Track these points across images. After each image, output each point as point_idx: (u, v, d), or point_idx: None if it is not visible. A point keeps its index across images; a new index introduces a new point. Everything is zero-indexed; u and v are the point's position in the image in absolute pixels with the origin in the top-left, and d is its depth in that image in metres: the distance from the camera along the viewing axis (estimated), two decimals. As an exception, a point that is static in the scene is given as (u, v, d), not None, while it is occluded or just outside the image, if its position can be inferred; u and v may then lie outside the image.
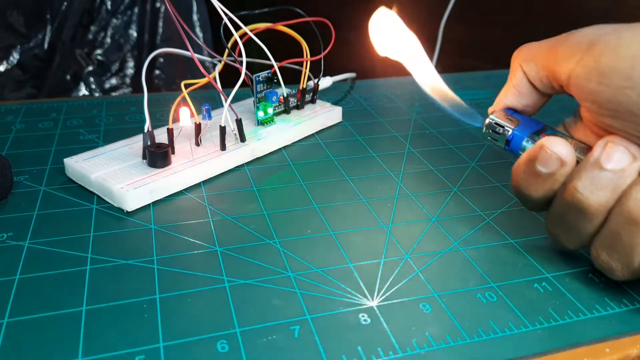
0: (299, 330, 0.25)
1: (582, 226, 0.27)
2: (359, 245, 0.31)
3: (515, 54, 0.31)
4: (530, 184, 0.28)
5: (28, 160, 0.39)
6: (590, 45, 0.26)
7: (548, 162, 0.27)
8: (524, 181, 0.28)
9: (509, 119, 0.31)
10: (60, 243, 0.30)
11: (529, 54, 0.30)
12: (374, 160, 0.41)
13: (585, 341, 0.25)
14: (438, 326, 0.25)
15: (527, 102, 0.31)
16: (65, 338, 0.24)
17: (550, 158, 0.27)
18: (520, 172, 0.28)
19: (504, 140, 0.30)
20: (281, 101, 0.43)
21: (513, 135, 0.30)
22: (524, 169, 0.28)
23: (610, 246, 0.26)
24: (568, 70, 0.27)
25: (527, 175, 0.28)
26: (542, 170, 0.27)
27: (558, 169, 0.27)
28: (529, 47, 0.31)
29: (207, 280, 0.28)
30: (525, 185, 0.28)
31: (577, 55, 0.27)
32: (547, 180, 0.27)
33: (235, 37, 0.38)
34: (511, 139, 0.30)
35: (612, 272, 0.27)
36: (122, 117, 0.47)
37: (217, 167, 0.38)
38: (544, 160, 0.27)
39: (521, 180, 0.28)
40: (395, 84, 0.57)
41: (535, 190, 0.28)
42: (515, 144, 0.30)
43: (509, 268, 0.30)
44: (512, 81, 0.31)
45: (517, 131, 0.30)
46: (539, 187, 0.28)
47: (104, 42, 1.06)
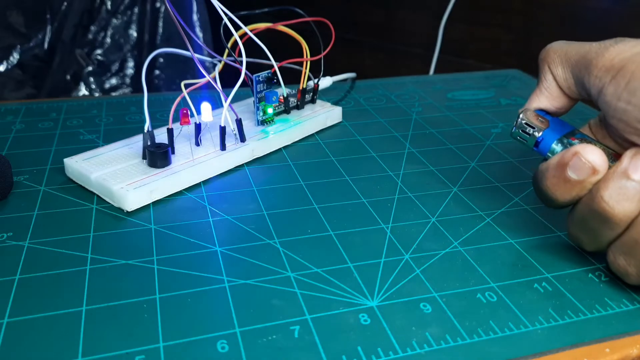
0: (299, 330, 0.25)
1: (604, 233, 0.27)
2: (359, 245, 0.31)
3: (543, 56, 0.31)
4: (559, 188, 0.28)
5: (28, 160, 0.39)
6: (624, 65, 0.26)
7: (581, 170, 0.27)
8: (552, 184, 0.28)
9: (539, 120, 0.31)
10: (60, 243, 0.30)
11: (557, 57, 0.30)
12: (374, 160, 0.41)
13: (585, 341, 0.25)
14: (438, 326, 0.25)
15: (559, 104, 0.31)
16: (65, 338, 0.24)
17: (583, 166, 0.27)
18: (549, 175, 0.28)
19: (534, 141, 0.30)
20: (281, 101, 0.43)
21: (543, 137, 0.30)
22: (553, 172, 0.28)
23: (629, 252, 0.26)
24: (599, 86, 0.27)
25: (556, 179, 0.28)
26: (573, 177, 0.27)
27: (589, 176, 0.27)
28: (557, 50, 0.30)
29: (207, 280, 0.28)
30: (553, 188, 0.28)
31: (610, 73, 0.27)
32: (575, 186, 0.27)
33: (235, 37, 0.38)
34: (541, 141, 0.30)
35: (627, 276, 0.27)
36: (122, 117, 0.47)
37: (217, 167, 0.38)
38: (576, 167, 0.27)
39: (549, 182, 0.28)
40: (395, 84, 0.57)
41: (562, 194, 0.28)
42: (545, 145, 0.30)
43: (509, 268, 0.30)
44: (542, 84, 0.31)
45: (547, 133, 0.30)
46: (566, 191, 0.28)
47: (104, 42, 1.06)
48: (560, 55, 0.30)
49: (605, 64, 0.27)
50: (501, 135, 0.45)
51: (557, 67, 0.30)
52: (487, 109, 0.51)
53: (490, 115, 0.50)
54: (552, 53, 0.30)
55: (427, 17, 1.13)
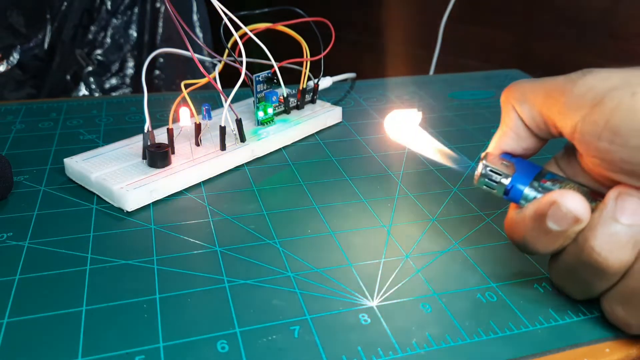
0: (299, 330, 0.25)
1: (597, 284, 0.25)
2: (359, 245, 0.31)
3: (505, 94, 0.28)
4: (539, 240, 0.25)
5: (28, 160, 0.39)
6: (598, 101, 0.23)
7: (562, 220, 0.24)
8: (531, 237, 0.26)
9: (504, 165, 0.28)
10: (60, 243, 0.30)
11: (522, 95, 0.27)
12: (374, 160, 0.41)
13: (585, 341, 0.25)
14: (438, 326, 0.25)
15: (527, 145, 0.28)
16: (65, 338, 0.24)
17: (564, 216, 0.24)
18: (527, 228, 0.26)
19: (503, 189, 0.27)
20: (281, 101, 0.43)
21: (512, 184, 0.27)
22: (531, 225, 0.25)
23: (628, 302, 0.24)
24: (572, 124, 0.25)
25: (536, 232, 0.25)
26: (554, 228, 0.24)
27: (571, 226, 0.24)
28: (521, 87, 0.27)
29: (207, 280, 0.28)
30: (533, 240, 0.26)
31: (583, 110, 0.24)
32: (558, 237, 0.25)
33: (235, 37, 0.38)
34: (510, 188, 0.27)
35: (628, 327, 0.25)
36: (122, 117, 0.47)
37: (217, 167, 0.38)
38: (556, 217, 0.24)
39: (527, 235, 0.26)
40: (395, 84, 0.57)
41: (544, 246, 0.25)
42: (516, 192, 0.27)
43: (509, 268, 0.30)
44: (507, 124, 0.28)
45: (516, 178, 0.27)
46: (549, 243, 0.25)
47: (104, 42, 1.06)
48: (525, 93, 0.27)
49: (576, 101, 0.24)
50: (501, 135, 0.45)
51: (522, 106, 0.27)
52: (487, 109, 0.51)
53: (490, 115, 0.50)
54: (515, 91, 0.27)
55: (427, 17, 1.13)
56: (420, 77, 0.60)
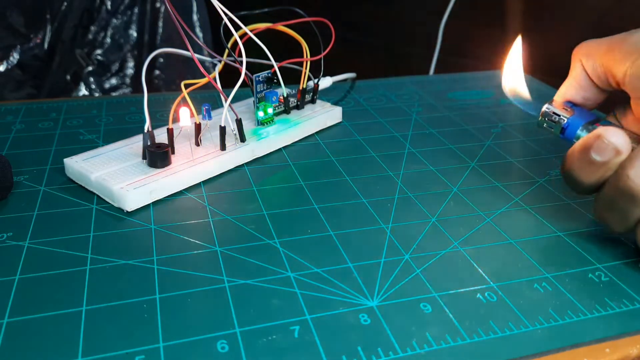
0: (299, 330, 0.25)
1: (632, 211, 0.28)
2: (359, 245, 0.31)
3: (576, 50, 0.33)
4: (583, 171, 0.29)
5: (28, 160, 0.39)
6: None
7: (604, 151, 0.28)
8: (577, 167, 0.29)
9: (565, 109, 0.32)
10: (60, 243, 0.30)
11: (588, 50, 0.32)
12: (374, 160, 0.41)
13: (585, 341, 0.25)
14: (438, 326, 0.25)
15: (588, 95, 0.33)
16: (65, 338, 0.24)
17: (606, 147, 0.28)
18: (575, 159, 0.29)
19: (559, 128, 0.32)
20: (281, 101, 0.43)
21: (568, 124, 0.32)
22: (578, 156, 0.29)
23: None
24: (624, 69, 0.29)
25: (581, 162, 0.29)
26: (597, 159, 0.28)
27: (613, 157, 0.28)
28: (589, 44, 0.32)
29: (207, 280, 0.28)
30: (578, 171, 0.29)
31: (634, 55, 0.28)
32: (600, 167, 0.28)
33: (235, 37, 0.38)
34: (566, 127, 0.32)
35: None
36: (122, 117, 0.47)
37: (217, 167, 0.38)
38: (599, 149, 0.28)
39: (574, 166, 0.30)
40: (395, 84, 0.57)
41: (587, 176, 0.29)
42: (571, 132, 0.32)
43: (509, 268, 0.30)
44: (572, 75, 0.33)
45: (572, 120, 0.32)
46: (591, 174, 0.29)
47: (104, 42, 1.06)
48: (591, 47, 0.32)
49: (629, 47, 0.29)
50: (501, 135, 0.45)
51: (588, 60, 0.32)
52: (487, 109, 0.51)
53: (490, 115, 0.50)
54: (583, 48, 0.32)
55: (427, 17, 1.13)
56: (420, 77, 0.60)
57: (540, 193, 0.37)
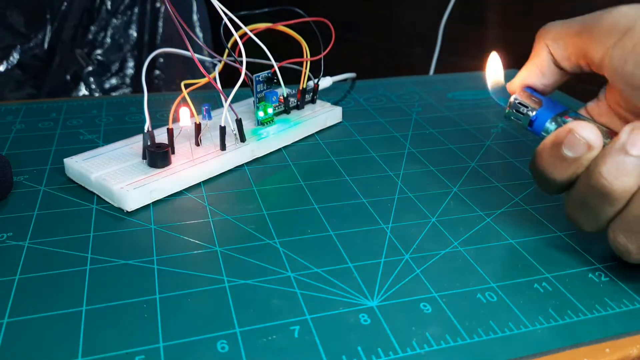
0: (299, 330, 0.25)
1: (603, 210, 0.27)
2: (359, 245, 0.31)
3: (541, 33, 0.31)
4: (555, 167, 0.28)
5: (28, 160, 0.39)
6: (630, 27, 0.26)
7: (575, 147, 0.27)
8: (548, 164, 0.28)
9: (533, 100, 0.31)
10: (60, 243, 0.30)
11: (557, 33, 0.30)
12: (374, 160, 0.41)
13: (585, 341, 0.25)
14: (438, 326, 0.25)
15: (548, 82, 0.31)
16: (65, 338, 0.24)
17: (578, 142, 0.27)
18: (545, 155, 0.28)
19: (527, 120, 0.31)
20: (281, 101, 0.43)
21: (537, 116, 0.30)
22: (549, 152, 0.28)
23: (630, 229, 0.26)
24: (603, 50, 0.27)
25: (552, 159, 0.28)
26: (569, 154, 0.27)
27: (585, 153, 0.27)
28: (556, 26, 0.30)
29: (207, 280, 0.28)
30: (549, 168, 0.28)
31: (614, 36, 0.27)
32: (572, 164, 0.27)
33: (235, 37, 0.38)
34: (535, 120, 0.30)
35: (628, 254, 0.27)
36: (122, 117, 0.47)
37: (217, 167, 0.38)
38: (571, 144, 0.27)
39: (545, 162, 0.28)
40: (395, 84, 0.57)
41: (559, 173, 0.28)
42: (539, 124, 0.30)
43: (509, 268, 0.30)
44: (535, 60, 0.31)
45: (541, 112, 0.30)
46: (563, 170, 0.28)
47: (104, 42, 1.06)
48: (560, 29, 0.30)
49: (608, 27, 0.27)
50: (501, 135, 0.45)
51: (556, 42, 0.30)
52: (487, 109, 0.51)
53: (490, 115, 0.50)
54: (552, 28, 0.31)
55: (427, 17, 1.13)
56: (420, 77, 0.60)
57: (540, 193, 0.37)
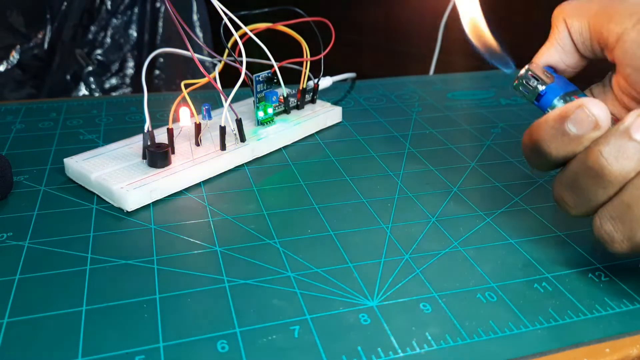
0: (299, 330, 0.25)
1: (596, 192, 0.26)
2: (359, 245, 0.31)
3: (558, 9, 0.30)
4: (554, 142, 0.27)
5: (28, 160, 0.39)
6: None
7: (582, 123, 0.26)
8: (548, 138, 0.27)
9: (545, 75, 0.30)
10: (60, 243, 0.30)
11: (575, 9, 0.29)
12: (374, 160, 0.41)
13: (585, 341, 0.25)
14: (438, 326, 0.25)
15: (570, 61, 0.30)
16: (65, 338, 0.24)
17: (586, 119, 0.26)
18: (547, 128, 0.27)
19: (535, 94, 0.29)
20: (281, 101, 0.43)
21: (546, 91, 0.29)
22: (552, 124, 0.27)
23: (618, 217, 0.25)
24: (619, 31, 0.27)
25: (554, 131, 0.27)
26: (572, 130, 0.26)
27: (589, 131, 0.26)
28: (574, 3, 0.30)
29: (207, 280, 0.28)
30: (548, 142, 0.27)
31: (634, 17, 0.26)
32: (572, 140, 0.26)
33: (235, 37, 0.38)
34: (543, 94, 0.29)
35: (612, 243, 0.26)
36: (122, 117, 0.47)
37: (217, 167, 0.38)
38: (578, 120, 0.26)
39: (544, 135, 0.27)
40: (395, 84, 0.57)
41: (556, 148, 0.27)
42: (547, 100, 0.29)
43: (509, 268, 0.30)
44: (555, 37, 0.30)
45: (550, 87, 0.29)
46: (561, 146, 0.26)
47: (104, 42, 1.06)
48: (579, 6, 0.29)
49: (628, 9, 0.26)
50: (501, 135, 0.45)
51: (573, 19, 0.29)
52: (487, 109, 0.51)
53: (490, 115, 0.50)
54: (569, 5, 0.30)
55: (427, 17, 1.13)
56: (421, 77, 0.60)
57: (540, 193, 0.37)
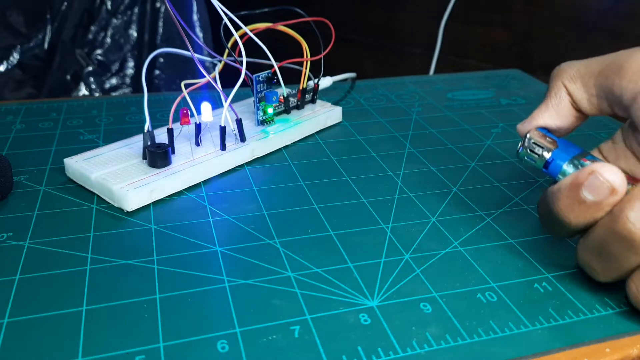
0: (299, 330, 0.25)
1: (627, 258, 0.25)
2: (359, 245, 0.31)
3: (557, 73, 0.30)
4: (572, 211, 0.26)
5: (28, 160, 0.39)
6: None
7: (597, 190, 0.25)
8: (565, 207, 0.26)
9: (548, 140, 0.29)
10: (60, 243, 0.30)
11: (576, 72, 0.29)
12: (374, 160, 0.41)
13: (585, 341, 0.25)
14: (438, 326, 0.25)
15: (563, 124, 0.30)
16: (65, 338, 0.24)
17: (601, 185, 0.25)
18: (562, 196, 0.26)
19: (543, 162, 0.29)
20: (281, 101, 0.43)
21: (553, 158, 0.29)
22: (567, 193, 0.26)
23: None
24: (636, 89, 0.26)
25: (569, 201, 0.26)
26: (589, 197, 0.25)
27: (607, 197, 0.25)
28: (575, 65, 0.29)
29: (207, 280, 0.28)
30: (565, 211, 0.26)
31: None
32: (590, 207, 0.25)
33: (235, 37, 0.38)
34: (551, 162, 0.29)
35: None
36: (122, 117, 0.47)
37: (217, 167, 0.38)
38: (593, 186, 0.25)
39: (561, 205, 0.26)
40: (395, 84, 0.57)
41: (575, 217, 0.26)
42: (555, 166, 0.29)
43: (509, 268, 0.30)
44: (551, 101, 0.30)
45: (557, 153, 0.29)
46: (580, 214, 0.26)
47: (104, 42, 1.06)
48: (580, 68, 0.29)
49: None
50: (501, 135, 0.45)
51: (574, 82, 0.29)
52: (487, 109, 0.51)
53: (490, 115, 0.50)
54: (569, 68, 0.29)
55: (427, 17, 1.13)
56: (421, 77, 0.60)
57: (540, 193, 0.37)
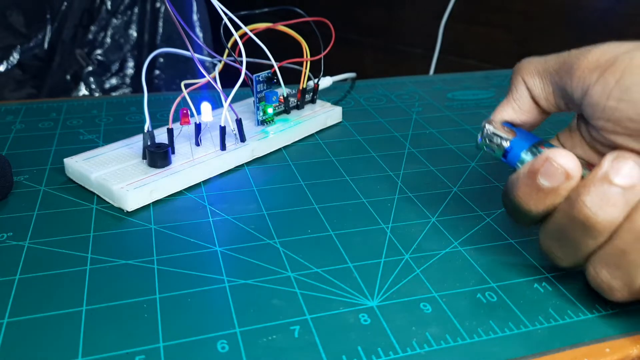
0: (299, 330, 0.25)
1: (585, 243, 0.25)
2: (359, 245, 0.31)
3: (517, 68, 0.30)
4: (530, 198, 0.26)
5: (28, 160, 0.39)
6: (611, 63, 0.25)
7: (553, 176, 0.25)
8: (523, 195, 0.27)
9: (505, 130, 0.30)
10: (60, 243, 0.30)
11: (534, 68, 0.29)
12: (374, 160, 0.41)
13: (585, 341, 0.25)
14: (438, 326, 0.25)
15: (527, 118, 0.30)
16: (65, 338, 0.24)
17: (555, 171, 0.25)
18: (520, 185, 0.27)
19: (502, 151, 0.29)
20: (281, 101, 0.43)
21: (512, 147, 0.29)
22: (524, 181, 0.26)
23: (614, 264, 0.25)
24: (584, 87, 0.26)
25: (528, 188, 0.26)
26: (545, 184, 0.25)
27: (563, 183, 0.25)
28: (534, 62, 0.30)
29: (207, 280, 0.28)
30: (525, 199, 0.27)
31: (596, 72, 0.26)
32: (548, 194, 0.26)
33: (235, 37, 0.38)
34: (509, 150, 0.29)
35: (611, 292, 0.25)
36: (122, 117, 0.47)
37: (217, 167, 0.38)
38: (548, 173, 0.25)
39: (520, 192, 0.27)
40: (395, 84, 0.57)
41: (535, 204, 0.26)
42: (514, 155, 0.29)
43: (509, 268, 0.30)
44: (513, 95, 0.30)
45: (515, 142, 0.29)
46: (539, 201, 0.26)
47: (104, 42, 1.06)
48: (538, 65, 0.29)
49: (589, 65, 0.26)
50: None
51: (533, 78, 0.29)
52: (487, 109, 0.51)
53: (490, 115, 0.49)
54: (528, 64, 0.30)
55: (427, 17, 1.13)
56: (421, 77, 0.60)
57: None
